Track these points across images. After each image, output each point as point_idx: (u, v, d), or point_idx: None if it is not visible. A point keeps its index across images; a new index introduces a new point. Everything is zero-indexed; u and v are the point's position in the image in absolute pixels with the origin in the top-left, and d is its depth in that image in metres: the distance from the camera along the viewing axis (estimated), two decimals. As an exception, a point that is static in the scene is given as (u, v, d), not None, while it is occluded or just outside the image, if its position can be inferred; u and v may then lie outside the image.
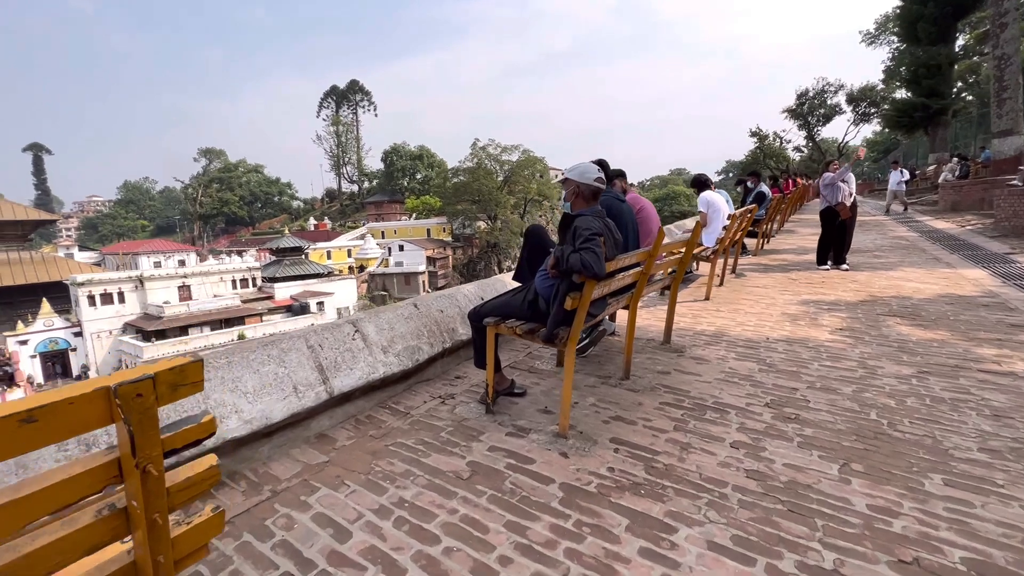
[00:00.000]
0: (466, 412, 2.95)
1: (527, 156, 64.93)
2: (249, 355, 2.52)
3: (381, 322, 3.23)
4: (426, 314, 3.55)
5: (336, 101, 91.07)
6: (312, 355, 2.76)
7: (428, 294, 3.66)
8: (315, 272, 45.79)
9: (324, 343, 2.85)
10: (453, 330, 3.67)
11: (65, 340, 33.51)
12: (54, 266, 41.14)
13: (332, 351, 2.86)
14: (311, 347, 2.78)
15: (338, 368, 2.82)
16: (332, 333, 2.94)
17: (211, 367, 2.36)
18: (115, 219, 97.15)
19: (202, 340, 32.43)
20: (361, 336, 3.06)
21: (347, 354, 2.92)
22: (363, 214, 79.44)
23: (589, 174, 2.62)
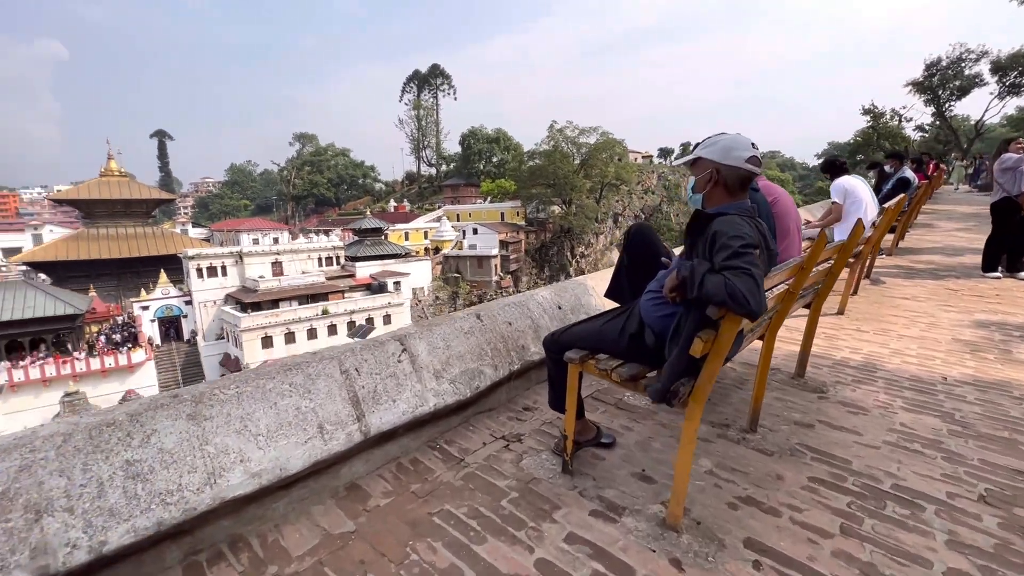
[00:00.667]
0: (536, 466, 2.26)
1: (605, 138, 62.42)
2: (266, 384, 1.99)
3: (435, 338, 2.61)
4: (491, 328, 2.88)
5: (418, 85, 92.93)
6: (346, 382, 2.19)
7: (493, 302, 2.99)
8: (393, 253, 47.34)
9: (362, 367, 2.28)
10: (523, 347, 2.97)
11: (178, 307, 37.28)
12: (171, 241, 45.86)
13: (371, 377, 2.28)
14: (345, 372, 2.21)
15: (377, 400, 2.24)
16: (373, 353, 2.35)
17: (215, 400, 1.85)
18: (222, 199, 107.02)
19: (291, 313, 34.68)
20: (409, 357, 2.45)
21: (390, 381, 2.33)
22: (440, 197, 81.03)
23: (737, 151, 1.72)
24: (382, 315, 39.35)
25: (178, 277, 38.97)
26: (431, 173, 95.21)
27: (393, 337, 2.48)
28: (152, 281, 37.95)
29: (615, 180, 64.32)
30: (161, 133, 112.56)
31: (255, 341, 32.69)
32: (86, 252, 40.89)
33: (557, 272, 61.97)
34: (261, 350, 32.89)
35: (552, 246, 63.28)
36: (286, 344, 34.07)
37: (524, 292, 3.35)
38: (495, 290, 51.44)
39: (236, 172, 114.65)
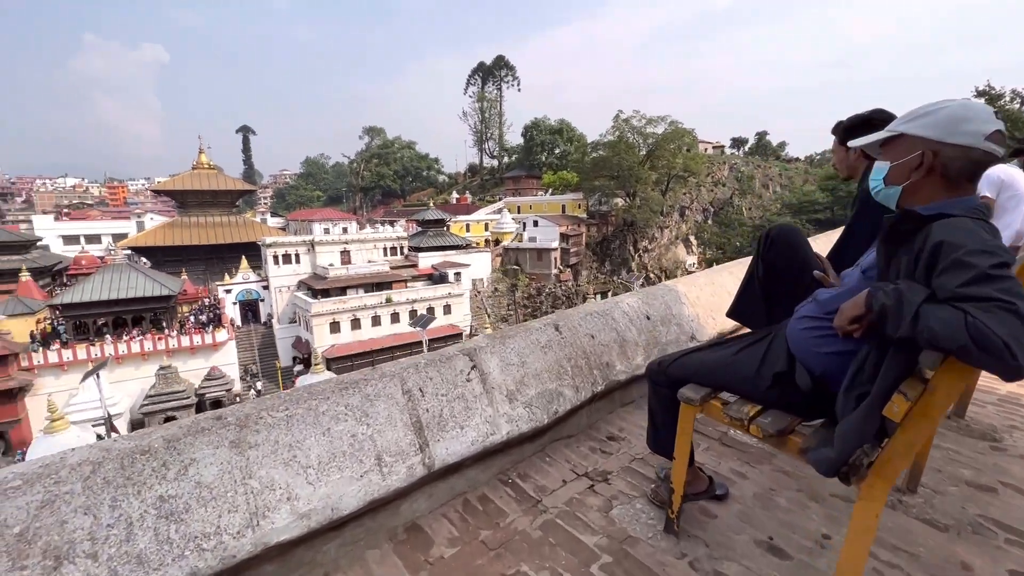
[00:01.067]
0: (631, 519, 1.85)
1: (674, 128, 59.65)
2: (319, 405, 1.72)
3: (508, 353, 2.25)
4: (571, 341, 2.49)
5: (482, 77, 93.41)
6: (408, 405, 1.88)
7: (573, 310, 2.59)
8: (454, 244, 48.01)
9: (426, 386, 1.96)
10: (607, 365, 2.56)
11: (257, 292, 39.85)
12: (252, 229, 49.11)
13: (437, 399, 1.96)
14: (408, 392, 1.91)
15: (443, 427, 1.92)
16: (439, 371, 2.03)
17: (262, 425, 1.60)
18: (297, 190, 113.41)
19: (357, 301, 36.07)
20: (479, 375, 2.11)
21: (457, 404, 2.00)
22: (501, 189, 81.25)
23: (971, 123, 1.15)
24: (442, 305, 40.02)
25: (257, 263, 41.62)
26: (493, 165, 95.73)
27: (462, 351, 2.14)
28: (234, 266, 40.78)
29: (683, 172, 61.50)
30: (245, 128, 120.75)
31: (324, 326, 34.28)
32: (179, 238, 44.68)
33: (618, 266, 60.36)
34: (329, 335, 34.47)
35: (614, 240, 61.65)
36: (352, 330, 35.50)
37: (609, 299, 2.91)
38: (554, 283, 50.89)
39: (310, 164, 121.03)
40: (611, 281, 59.09)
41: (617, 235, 61.94)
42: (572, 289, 52.06)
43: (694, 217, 71.11)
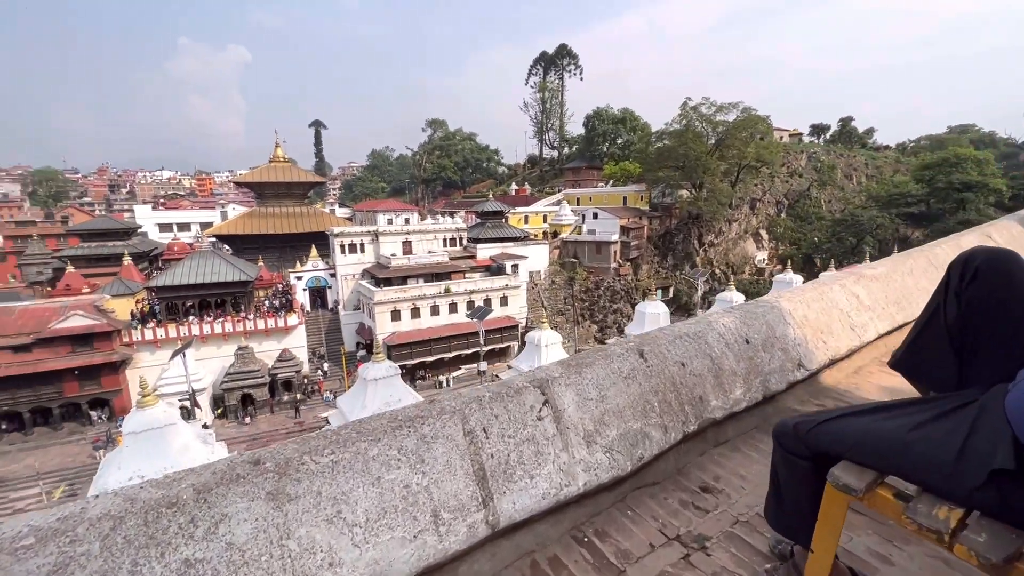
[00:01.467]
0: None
1: (747, 115, 56.03)
2: (368, 449, 1.48)
3: (585, 385, 1.92)
4: (658, 370, 2.11)
5: (544, 67, 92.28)
6: (470, 449, 1.61)
7: (659, 332, 2.20)
8: (512, 236, 47.95)
9: (491, 426, 1.67)
10: (701, 400, 2.16)
11: (325, 279, 41.85)
12: (322, 219, 51.52)
13: (503, 442, 1.67)
14: (470, 433, 1.63)
15: (510, 476, 1.63)
16: (505, 406, 1.73)
17: (304, 473, 1.37)
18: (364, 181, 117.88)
19: (417, 290, 36.94)
20: (552, 412, 1.80)
21: (527, 448, 1.70)
22: (561, 180, 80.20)
23: None
24: (499, 296, 40.16)
25: (325, 252, 43.63)
26: (553, 156, 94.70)
27: (532, 383, 1.83)
28: (305, 254, 43.01)
29: (755, 161, 57.78)
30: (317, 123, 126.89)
31: (385, 313, 35.41)
32: (256, 227, 47.69)
33: (681, 261, 57.93)
34: (390, 322, 35.57)
35: (677, 233, 59.18)
36: (412, 319, 36.43)
37: (698, 317, 2.50)
38: (613, 277, 49.65)
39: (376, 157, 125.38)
40: (673, 276, 56.78)
41: (681, 228, 59.34)
42: (631, 284, 50.56)
43: (766, 210, 66.71)
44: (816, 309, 2.86)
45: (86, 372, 27.96)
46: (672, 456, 2.11)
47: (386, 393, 15.04)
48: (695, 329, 2.36)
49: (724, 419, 2.21)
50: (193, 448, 12.50)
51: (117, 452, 12.32)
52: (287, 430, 29.27)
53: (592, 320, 46.64)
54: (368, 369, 15.05)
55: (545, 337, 18.40)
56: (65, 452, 26.33)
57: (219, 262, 34.05)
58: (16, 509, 22.87)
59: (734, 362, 2.34)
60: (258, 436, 28.67)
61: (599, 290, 47.96)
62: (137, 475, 11.52)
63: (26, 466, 25.00)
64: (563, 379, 1.88)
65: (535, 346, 18.46)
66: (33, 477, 23.53)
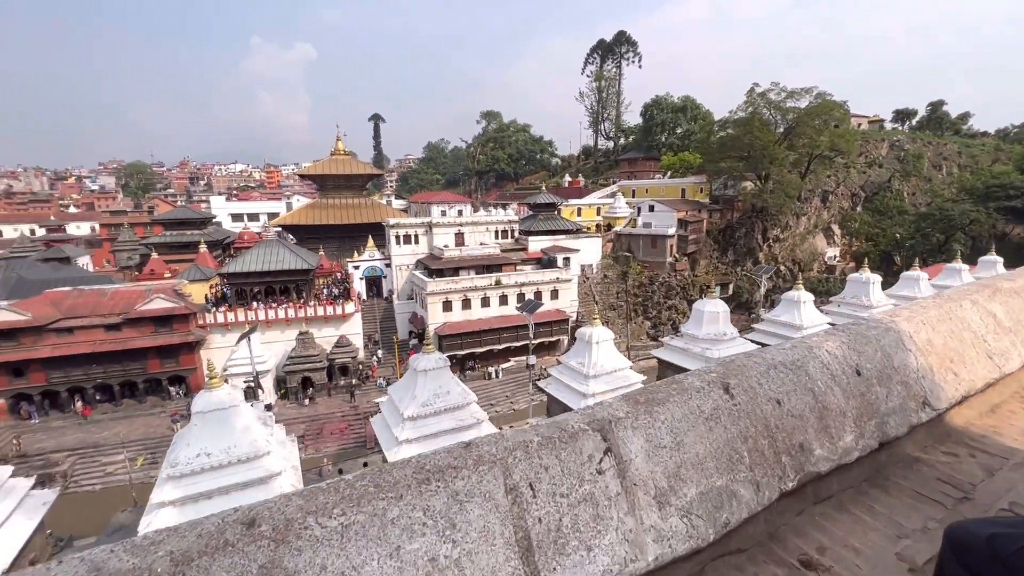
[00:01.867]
0: None
1: (821, 101, 51.98)
2: (388, 510, 1.20)
3: (657, 428, 1.55)
4: (747, 410, 1.71)
5: (601, 56, 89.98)
6: (513, 511, 1.29)
7: (747, 358, 1.79)
8: (565, 228, 47.23)
9: (539, 481, 1.35)
10: (802, 448, 1.74)
11: (380, 269, 43.03)
12: (379, 210, 53.00)
13: (554, 503, 1.34)
14: (513, 490, 1.32)
15: (562, 547, 1.30)
16: (557, 456, 1.41)
17: (307, 539, 1.11)
18: (419, 174, 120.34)
19: (468, 281, 37.20)
20: (615, 464, 1.45)
21: (584, 509, 1.37)
22: (616, 171, 78.25)
23: None
24: (550, 290, 39.73)
25: (381, 242, 44.81)
26: (608, 147, 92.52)
27: (590, 424, 1.49)
28: (362, 245, 44.38)
29: (828, 151, 53.68)
30: (376, 116, 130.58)
31: (437, 304, 35.92)
32: (318, 218, 49.75)
33: (743, 256, 54.94)
34: (441, 313, 36.06)
35: (739, 227, 56.15)
36: (462, 309, 36.76)
37: (795, 343, 2.05)
38: (669, 272, 47.86)
39: (431, 149, 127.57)
40: (733, 272, 53.94)
41: (743, 222, 56.17)
42: (688, 279, 48.55)
43: (839, 203, 61.85)
44: (943, 332, 2.32)
45: (166, 351, 30.28)
46: (763, 516, 1.70)
47: (435, 384, 15.09)
48: (792, 356, 1.92)
49: (831, 474, 1.78)
50: (254, 429, 13.06)
51: (187, 430, 13.07)
52: (343, 413, 30.44)
53: (645, 316, 45.24)
54: (419, 360, 15.14)
55: (596, 334, 17.80)
56: (148, 423, 28.69)
57: (284, 251, 35.75)
58: (107, 472, 25.20)
59: (842, 399, 1.88)
60: (316, 418, 29.99)
61: (653, 285, 46.40)
62: (204, 453, 12.18)
63: (115, 434, 27.48)
64: (629, 420, 1.53)
65: (585, 343, 17.91)
66: (121, 445, 25.81)
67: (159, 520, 11.33)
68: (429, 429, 14.43)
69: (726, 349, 19.66)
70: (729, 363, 1.84)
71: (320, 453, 26.50)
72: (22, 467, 23.87)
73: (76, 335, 28.43)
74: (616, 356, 18.21)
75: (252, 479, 12.25)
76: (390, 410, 15.68)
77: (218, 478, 12.03)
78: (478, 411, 15.20)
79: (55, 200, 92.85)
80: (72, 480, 24.45)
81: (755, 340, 22.64)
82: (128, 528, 16.55)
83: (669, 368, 21.33)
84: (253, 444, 12.59)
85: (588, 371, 17.20)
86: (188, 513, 11.71)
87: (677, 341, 21.25)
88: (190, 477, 11.83)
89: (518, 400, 33.21)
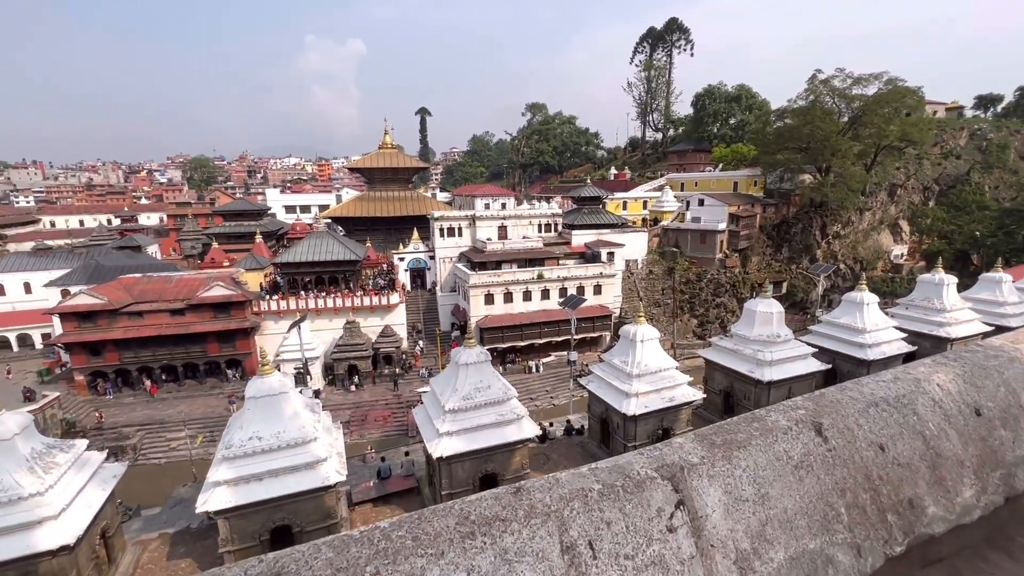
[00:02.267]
0: None
1: (893, 87, 48.19)
2: (428, 567, 1.04)
3: (737, 477, 1.33)
4: (844, 456, 1.45)
5: (651, 44, 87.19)
6: (569, 572, 1.11)
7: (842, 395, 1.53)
8: (609, 222, 46.30)
9: (600, 538, 1.17)
10: (911, 504, 1.46)
11: (424, 261, 43.72)
12: (424, 203, 53.79)
13: (617, 565, 1.15)
14: (570, 548, 1.13)
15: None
16: (621, 508, 1.21)
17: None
18: (464, 167, 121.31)
19: (510, 275, 37.16)
20: (688, 519, 1.24)
21: (652, 574, 1.17)
22: (664, 164, 75.94)
23: None
24: (592, 285, 39.13)
25: (426, 234, 45.48)
26: (656, 138, 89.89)
27: (659, 470, 1.29)
28: (407, 237, 45.21)
29: (898, 141, 49.84)
30: (423, 110, 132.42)
31: (479, 297, 36.12)
32: (365, 210, 51.06)
33: (799, 254, 52.15)
34: (483, 305, 36.24)
35: (796, 222, 53.29)
36: (504, 303, 36.79)
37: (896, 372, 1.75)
38: (718, 269, 46.06)
39: (476, 142, 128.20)
40: (787, 270, 51.25)
41: (800, 217, 53.20)
42: (739, 277, 46.55)
43: (908, 197, 57.46)
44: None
45: (224, 335, 31.99)
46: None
47: (477, 378, 15.15)
48: (896, 391, 1.63)
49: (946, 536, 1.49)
50: (302, 415, 13.54)
51: (241, 413, 13.72)
52: (386, 401, 31.23)
53: (692, 314, 43.79)
54: (460, 353, 15.22)
55: (641, 332, 17.31)
56: (207, 403, 30.47)
57: (333, 242, 36.90)
58: (170, 448, 26.99)
59: (959, 445, 1.58)
60: (360, 404, 30.92)
61: (701, 282, 44.78)
62: (256, 436, 12.73)
63: (178, 412, 29.36)
64: (704, 467, 1.31)
65: (629, 341, 17.46)
66: (182, 422, 27.54)
67: (215, 499, 11.97)
68: (470, 423, 14.52)
69: (780, 352, 18.68)
70: (818, 398, 1.58)
71: (364, 439, 27.30)
72: (97, 439, 25.96)
73: (145, 319, 30.49)
74: (661, 355, 17.64)
75: (299, 464, 12.73)
76: (432, 402, 15.87)
77: (268, 461, 12.57)
78: (518, 407, 15.15)
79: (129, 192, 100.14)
80: (140, 453, 26.33)
81: (811, 343, 21.36)
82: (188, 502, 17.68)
83: (717, 369, 20.52)
84: (301, 430, 13.06)
85: (632, 370, 16.76)
86: (241, 493, 12.31)
87: (726, 341, 20.38)
88: (243, 459, 12.41)
89: (558, 395, 33.01)
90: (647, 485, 1.25)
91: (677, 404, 16.78)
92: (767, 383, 17.86)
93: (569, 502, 1.18)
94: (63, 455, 11.77)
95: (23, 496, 10.30)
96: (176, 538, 13.86)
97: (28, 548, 10.07)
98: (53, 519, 10.41)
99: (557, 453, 18.56)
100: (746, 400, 19.04)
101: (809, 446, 1.42)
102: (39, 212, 77.86)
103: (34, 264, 42.75)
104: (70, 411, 28.20)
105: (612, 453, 17.44)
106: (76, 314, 29.32)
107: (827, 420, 1.48)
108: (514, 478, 15.07)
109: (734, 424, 1.45)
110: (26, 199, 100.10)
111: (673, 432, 17.24)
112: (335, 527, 13.26)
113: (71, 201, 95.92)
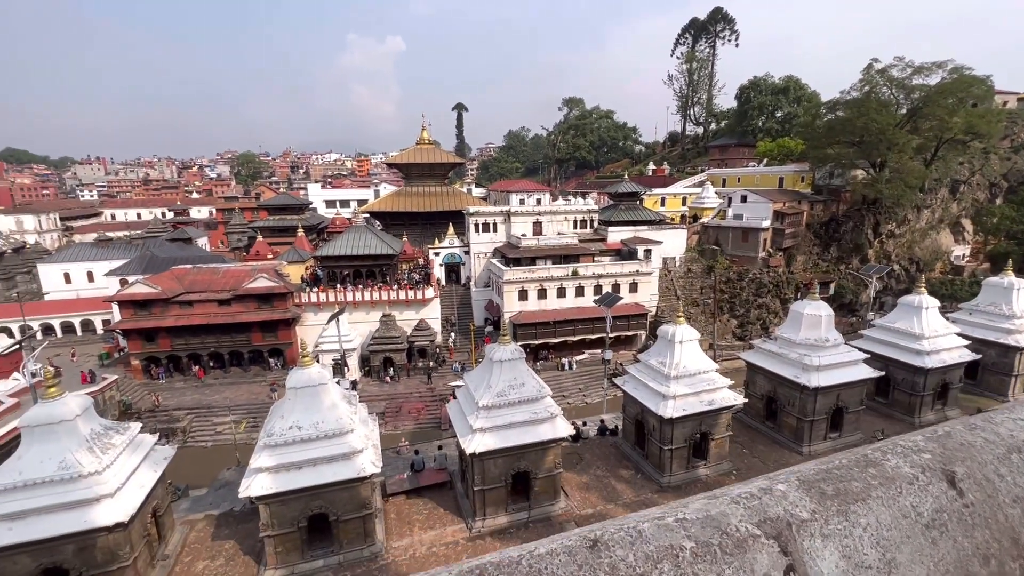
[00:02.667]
0: None
1: (958, 76, 44.83)
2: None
3: (856, 536, 1.11)
4: (985, 513, 1.20)
5: (694, 35, 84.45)
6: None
7: (970, 436, 1.27)
8: (647, 219, 45.26)
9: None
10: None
11: (459, 256, 43.96)
12: (459, 198, 54.06)
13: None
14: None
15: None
16: (717, 574, 1.02)
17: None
18: (499, 162, 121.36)
19: (544, 271, 36.88)
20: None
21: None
22: (705, 159, 73.68)
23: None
24: (628, 282, 38.37)
25: (461, 230, 45.71)
26: (697, 133, 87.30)
27: (761, 525, 1.08)
28: (443, 232, 45.56)
29: (963, 134, 46.38)
30: (460, 106, 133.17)
31: (513, 292, 36.02)
32: (403, 205, 51.75)
33: (848, 253, 49.58)
34: (517, 301, 36.13)
35: (846, 220, 50.62)
36: (538, 299, 36.58)
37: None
38: (760, 268, 44.33)
39: (512, 137, 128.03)
40: (836, 271, 48.77)
41: (851, 215, 50.47)
42: (783, 277, 44.63)
43: (972, 194, 53.63)
44: None
45: (267, 325, 33.14)
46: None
47: (511, 376, 15.05)
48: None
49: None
50: (340, 407, 13.79)
51: (282, 402, 14.11)
52: (420, 394, 31.63)
53: (732, 314, 42.32)
54: (494, 350, 15.15)
55: (680, 332, 16.77)
56: (251, 390, 31.66)
57: (371, 236, 37.57)
58: (217, 432, 28.20)
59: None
60: (395, 396, 31.42)
61: (742, 282, 43.19)
62: (296, 426, 13.04)
63: (224, 397, 30.63)
64: (817, 524, 1.10)
65: (668, 341, 16.95)
66: (227, 408, 28.71)
67: (256, 484, 12.36)
68: (503, 420, 14.44)
69: (828, 357, 17.73)
70: (944, 439, 1.33)
71: (398, 431, 27.72)
72: (150, 420, 27.41)
73: (195, 308, 31.91)
74: (701, 357, 17.03)
75: (336, 454, 12.97)
76: (465, 397, 15.89)
77: (307, 451, 12.87)
78: (552, 405, 14.96)
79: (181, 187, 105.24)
80: (189, 436, 27.62)
81: (863, 348, 20.19)
82: (232, 485, 18.43)
83: (759, 373, 19.68)
84: (339, 421, 13.30)
85: (669, 371, 16.26)
86: (280, 480, 12.66)
87: (769, 344, 19.51)
88: (283, 447, 12.74)
89: (591, 394, 32.59)
90: (749, 545, 1.05)
91: (717, 408, 16.17)
92: (813, 389, 17.01)
93: (657, 563, 0.99)
94: (119, 436, 12.40)
95: (83, 474, 10.90)
96: (220, 520, 14.42)
97: (86, 524, 10.64)
98: (109, 497, 10.98)
99: (591, 453, 18.27)
100: (790, 406, 18.18)
101: (941, 500, 1.18)
102: (101, 205, 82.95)
103: (96, 254, 45.53)
104: (127, 393, 29.87)
105: (647, 456, 16.97)
106: (132, 302, 30.98)
107: (960, 468, 1.24)
108: (546, 477, 14.92)
109: (844, 469, 1.23)
110: (90, 193, 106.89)
111: (712, 437, 16.66)
112: (369, 517, 13.49)
113: (130, 195, 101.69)
